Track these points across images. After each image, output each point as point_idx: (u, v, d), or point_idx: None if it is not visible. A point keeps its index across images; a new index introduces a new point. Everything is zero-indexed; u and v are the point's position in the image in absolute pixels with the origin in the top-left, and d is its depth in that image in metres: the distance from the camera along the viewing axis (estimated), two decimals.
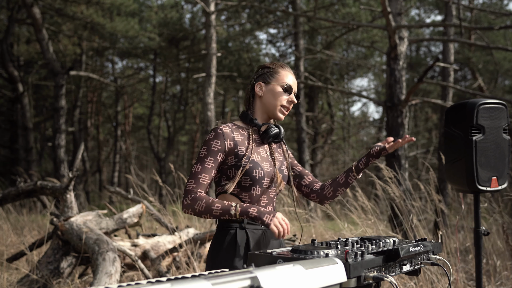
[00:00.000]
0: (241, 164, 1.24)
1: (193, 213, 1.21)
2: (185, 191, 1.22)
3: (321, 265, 0.87)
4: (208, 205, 1.19)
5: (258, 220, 1.19)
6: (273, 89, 1.32)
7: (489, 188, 1.73)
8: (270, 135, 1.30)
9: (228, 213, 1.19)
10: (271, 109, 1.32)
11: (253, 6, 8.48)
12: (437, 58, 4.40)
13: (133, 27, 10.18)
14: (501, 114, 1.76)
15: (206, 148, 1.24)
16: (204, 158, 1.23)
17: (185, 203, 1.21)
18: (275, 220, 1.18)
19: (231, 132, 1.27)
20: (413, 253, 1.10)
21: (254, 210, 1.19)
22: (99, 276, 2.31)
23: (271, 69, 1.33)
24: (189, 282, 0.64)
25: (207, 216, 1.20)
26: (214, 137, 1.25)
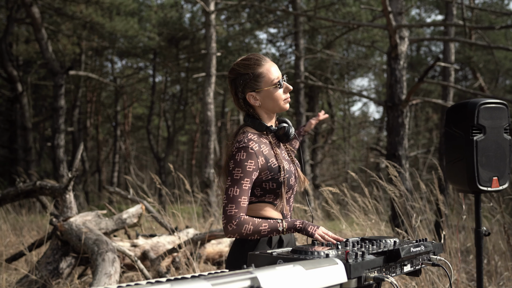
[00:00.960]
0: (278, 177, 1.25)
1: (239, 236, 1.21)
2: (227, 216, 1.20)
3: (322, 266, 0.86)
4: (256, 226, 1.20)
5: (303, 231, 1.23)
6: (267, 93, 1.28)
7: (490, 188, 1.73)
8: (290, 137, 1.31)
9: (276, 230, 1.22)
10: (276, 109, 1.31)
11: (253, 6, 8.47)
12: (437, 58, 4.39)
13: (133, 26, 10.16)
14: (502, 114, 1.75)
15: (240, 169, 1.21)
16: (241, 180, 1.21)
17: (230, 229, 1.19)
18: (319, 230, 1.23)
19: (259, 147, 1.25)
20: (414, 254, 1.10)
21: (299, 222, 1.24)
22: (98, 276, 2.30)
23: (251, 75, 1.27)
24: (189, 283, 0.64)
25: (254, 236, 1.21)
26: (247, 157, 1.22)
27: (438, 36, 9.64)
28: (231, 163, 1.23)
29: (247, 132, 1.28)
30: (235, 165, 1.22)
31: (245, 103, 1.31)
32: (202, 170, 7.46)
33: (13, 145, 10.18)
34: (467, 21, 8.20)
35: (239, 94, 1.30)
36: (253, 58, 1.29)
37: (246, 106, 1.31)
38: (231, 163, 1.23)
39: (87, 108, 14.11)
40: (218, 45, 9.87)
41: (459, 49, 9.95)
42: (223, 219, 1.21)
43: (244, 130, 1.30)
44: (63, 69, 8.42)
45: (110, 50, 12.63)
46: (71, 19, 9.60)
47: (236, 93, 1.32)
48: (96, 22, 9.47)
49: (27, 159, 9.55)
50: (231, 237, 1.21)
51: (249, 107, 1.31)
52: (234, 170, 1.22)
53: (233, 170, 1.22)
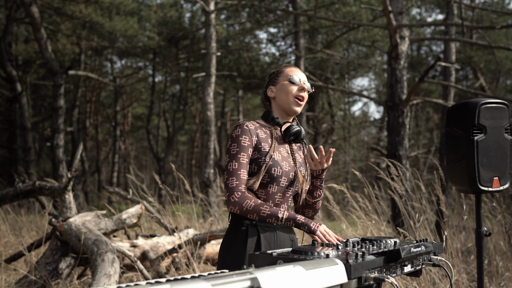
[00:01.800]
0: (263, 161, 1.27)
1: (239, 210, 1.23)
2: (229, 188, 1.24)
3: (322, 266, 0.86)
4: (257, 205, 1.22)
5: (305, 227, 1.23)
6: (281, 86, 1.37)
7: (491, 188, 1.72)
8: (291, 133, 1.33)
9: (275, 216, 1.23)
10: (285, 105, 1.36)
11: (253, 5, 8.46)
12: (438, 58, 4.39)
13: (132, 26, 10.15)
14: (503, 114, 1.75)
15: (236, 144, 1.27)
16: (237, 154, 1.26)
17: (232, 200, 1.22)
18: (321, 228, 1.23)
19: (255, 129, 1.31)
20: (414, 254, 1.10)
21: (301, 217, 1.25)
22: (98, 277, 2.28)
23: (276, 72, 1.40)
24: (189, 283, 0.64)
25: (253, 215, 1.22)
26: (242, 133, 1.28)
27: (438, 36, 9.63)
28: (229, 141, 1.30)
29: (254, 120, 1.37)
30: (231, 141, 1.29)
31: (265, 97, 1.41)
32: (202, 170, 7.44)
33: (12, 145, 10.16)
34: (468, 21, 8.21)
35: (264, 89, 1.43)
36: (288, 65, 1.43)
37: (265, 100, 1.41)
38: (229, 141, 1.30)
39: (87, 108, 14.09)
40: (218, 45, 9.85)
41: (460, 49, 9.93)
42: (226, 192, 1.25)
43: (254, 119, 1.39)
44: (63, 69, 8.40)
45: (109, 50, 12.61)
46: (70, 18, 9.59)
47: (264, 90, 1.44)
48: (96, 22, 9.45)
49: (26, 159, 9.53)
50: (233, 209, 1.23)
51: (267, 100, 1.40)
52: (231, 146, 1.28)
53: (230, 146, 1.29)
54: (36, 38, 8.17)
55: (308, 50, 10.00)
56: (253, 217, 1.22)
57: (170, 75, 13.84)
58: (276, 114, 1.37)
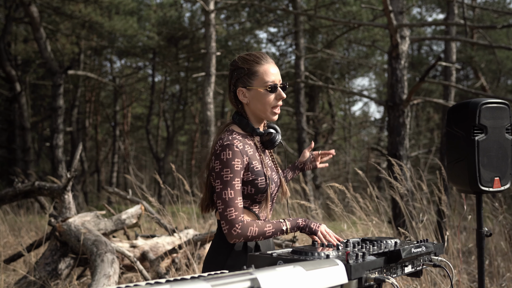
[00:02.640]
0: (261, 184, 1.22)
1: (244, 240, 1.18)
2: (228, 221, 1.16)
3: (322, 267, 0.86)
4: (260, 228, 1.18)
5: (306, 229, 1.22)
6: (257, 93, 1.23)
7: (492, 188, 1.71)
8: (274, 145, 1.27)
9: (280, 231, 1.20)
10: (261, 114, 1.25)
11: (253, 5, 8.44)
12: (439, 57, 4.37)
13: (132, 26, 10.13)
14: (503, 114, 1.74)
15: (229, 170, 1.17)
16: (232, 181, 1.17)
17: (234, 234, 1.16)
18: (321, 228, 1.22)
19: (243, 147, 1.21)
20: (415, 254, 1.09)
21: (302, 220, 1.22)
22: (97, 277, 2.27)
23: (246, 70, 1.23)
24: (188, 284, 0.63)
25: (259, 238, 1.19)
26: (234, 156, 1.17)
27: (439, 36, 9.60)
28: (217, 163, 1.18)
29: (232, 130, 1.24)
30: (222, 165, 1.17)
31: (235, 98, 1.27)
32: (202, 170, 7.42)
33: (12, 145, 10.14)
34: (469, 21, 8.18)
35: (231, 87, 1.27)
36: (254, 55, 1.25)
37: (235, 101, 1.27)
38: (216, 163, 1.18)
39: (86, 108, 14.07)
40: (217, 45, 9.84)
41: (461, 49, 9.92)
42: (224, 225, 1.16)
43: (229, 128, 1.26)
44: (62, 69, 8.38)
45: (109, 50, 12.59)
46: (69, 18, 9.57)
47: (229, 85, 1.28)
48: (95, 22, 9.43)
49: (25, 159, 9.51)
50: (236, 241, 1.17)
51: (238, 102, 1.27)
52: (223, 171, 1.17)
53: (221, 171, 1.17)
54: (35, 38, 8.15)
55: (308, 50, 9.99)
56: (259, 239, 1.18)
57: (169, 75, 13.82)
58: (251, 119, 1.26)
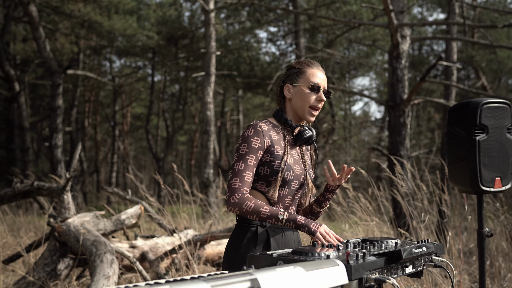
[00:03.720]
0: (277, 165, 1.26)
1: (239, 212, 1.21)
2: (231, 189, 1.23)
3: (322, 267, 0.85)
4: (257, 206, 1.21)
5: (305, 228, 1.21)
6: (300, 90, 1.33)
7: (493, 188, 1.71)
8: (303, 139, 1.32)
9: (275, 217, 1.21)
10: (300, 111, 1.34)
11: (253, 4, 8.43)
12: (439, 57, 4.36)
13: (131, 25, 10.11)
14: (504, 114, 1.74)
15: (246, 145, 1.25)
16: (246, 155, 1.24)
17: (231, 201, 1.21)
18: (321, 228, 1.22)
19: (268, 130, 1.28)
20: (416, 255, 1.09)
21: (301, 218, 1.23)
22: (96, 278, 2.26)
23: (297, 69, 1.34)
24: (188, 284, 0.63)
25: (253, 216, 1.21)
26: (254, 134, 1.26)
27: (440, 35, 9.58)
28: (240, 140, 1.27)
29: (266, 119, 1.34)
30: (242, 141, 1.26)
31: (281, 93, 1.37)
32: (202, 170, 7.41)
33: (11, 145, 10.11)
34: (470, 20, 8.18)
35: (280, 83, 1.38)
36: (308, 60, 1.38)
37: (280, 95, 1.37)
38: (239, 140, 1.27)
39: (85, 107, 14.04)
40: (217, 44, 9.82)
41: (462, 48, 9.91)
42: (227, 192, 1.23)
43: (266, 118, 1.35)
44: (61, 68, 8.36)
45: (108, 49, 12.57)
46: (69, 17, 9.55)
47: (280, 82, 1.39)
48: (94, 21, 9.41)
49: (24, 159, 9.49)
50: (232, 210, 1.21)
51: (281, 97, 1.37)
52: (241, 146, 1.26)
53: (240, 145, 1.26)
54: (34, 37, 8.12)
55: (308, 49, 9.97)
56: (253, 218, 1.21)
57: (169, 74, 13.80)
58: (289, 115, 1.35)
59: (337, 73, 12.20)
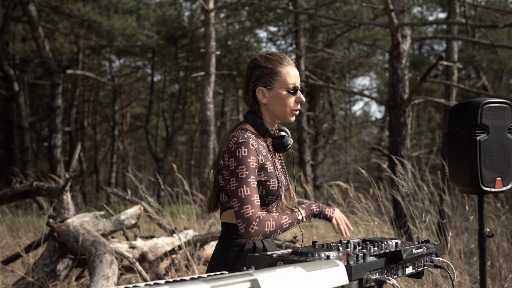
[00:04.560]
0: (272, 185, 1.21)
1: (263, 237, 1.15)
2: (245, 219, 1.13)
3: (322, 268, 0.85)
4: (277, 221, 1.16)
5: (320, 215, 1.21)
6: (277, 94, 1.22)
7: (494, 189, 1.70)
8: (286, 149, 1.25)
9: (297, 221, 1.18)
10: (280, 115, 1.25)
11: (252, 4, 8.41)
12: (440, 57, 4.35)
13: (131, 25, 10.10)
14: (505, 114, 1.73)
15: (245, 167, 1.15)
16: (247, 178, 1.15)
17: (252, 232, 1.13)
18: (335, 214, 1.21)
19: (258, 146, 1.20)
20: (416, 255, 1.08)
21: (316, 206, 1.21)
22: (96, 278, 2.24)
23: (269, 70, 1.23)
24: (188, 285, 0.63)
25: (277, 232, 1.16)
26: (249, 154, 1.16)
27: (440, 35, 9.55)
28: (232, 161, 1.16)
29: (246, 129, 1.23)
30: (237, 163, 1.15)
31: (253, 97, 1.25)
32: (202, 170, 7.40)
33: (10, 145, 10.09)
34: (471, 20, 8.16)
35: (251, 85, 1.25)
36: (278, 55, 1.25)
37: (252, 100, 1.25)
38: (231, 161, 1.16)
39: (85, 107, 14.02)
40: (217, 44, 9.81)
41: (462, 48, 9.90)
42: (241, 224, 1.13)
43: (243, 127, 1.25)
44: (60, 68, 8.34)
45: (108, 49, 12.55)
46: (68, 17, 9.53)
47: (248, 84, 1.26)
48: (94, 21, 9.40)
49: (23, 159, 9.47)
50: (255, 239, 1.14)
51: (255, 102, 1.26)
52: (238, 169, 1.15)
53: (237, 169, 1.15)
54: (33, 37, 8.11)
55: (308, 49, 9.96)
56: (277, 233, 1.16)
57: (169, 74, 13.78)
58: (265, 120, 1.26)
59: (337, 73, 12.18)
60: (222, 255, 1.22)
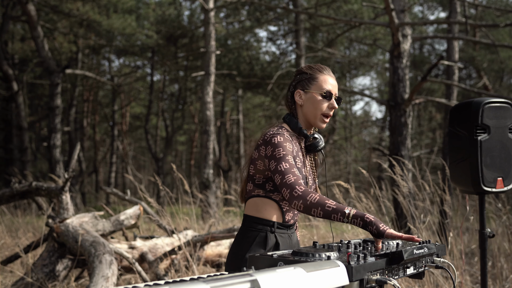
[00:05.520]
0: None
1: (303, 205, 1.15)
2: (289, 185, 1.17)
3: (323, 268, 0.85)
4: (322, 199, 1.15)
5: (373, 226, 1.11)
6: (312, 97, 1.32)
7: (495, 189, 1.70)
8: (317, 150, 1.32)
9: (341, 212, 1.13)
10: (312, 118, 1.33)
11: (253, 3, 8.40)
12: (441, 56, 4.35)
13: (130, 24, 10.08)
14: (506, 114, 1.73)
15: (281, 148, 1.23)
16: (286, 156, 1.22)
17: (296, 195, 1.15)
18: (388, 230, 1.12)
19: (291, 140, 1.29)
20: (417, 256, 1.08)
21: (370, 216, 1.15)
22: (95, 279, 2.23)
23: (308, 75, 1.33)
24: (187, 285, 0.63)
25: (317, 209, 1.14)
26: (285, 140, 1.25)
27: (441, 34, 9.53)
28: (268, 147, 1.23)
29: (282, 126, 1.32)
30: (274, 147, 1.23)
31: (291, 98, 1.36)
32: (201, 170, 7.38)
33: (9, 145, 10.06)
34: (471, 19, 8.16)
35: (291, 88, 1.37)
36: (320, 66, 1.36)
37: (291, 101, 1.36)
38: (268, 148, 1.23)
39: (84, 107, 13.99)
40: (217, 43, 9.79)
41: (463, 48, 9.89)
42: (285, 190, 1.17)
43: (279, 125, 1.34)
44: (60, 68, 8.32)
45: (107, 49, 12.53)
46: (67, 16, 9.50)
47: (289, 87, 1.38)
48: (93, 20, 9.38)
49: (22, 159, 9.45)
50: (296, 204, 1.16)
51: (293, 103, 1.36)
52: (275, 151, 1.22)
53: (274, 151, 1.22)
54: (32, 37, 8.09)
55: (309, 48, 9.94)
56: (317, 211, 1.14)
57: (168, 74, 13.77)
58: (300, 122, 1.34)
59: (338, 72, 12.16)
60: (237, 243, 1.27)
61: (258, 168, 1.26)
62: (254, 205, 1.27)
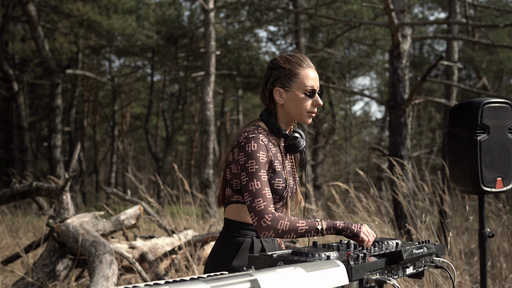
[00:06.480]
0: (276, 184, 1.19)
1: (274, 234, 1.11)
2: (257, 212, 1.12)
3: (323, 268, 0.85)
4: (292, 223, 1.11)
5: (347, 231, 1.12)
6: (294, 96, 1.21)
7: (494, 189, 1.72)
8: (297, 150, 1.24)
9: (314, 229, 1.12)
10: (295, 116, 1.24)
11: (252, 3, 8.41)
12: (440, 57, 4.35)
13: (131, 24, 10.08)
14: (506, 114, 1.74)
15: (254, 161, 1.15)
16: (257, 172, 1.14)
17: (264, 225, 1.11)
18: (363, 229, 1.13)
19: (268, 142, 1.20)
20: (417, 256, 1.08)
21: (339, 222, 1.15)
22: (95, 279, 2.23)
23: (288, 71, 1.22)
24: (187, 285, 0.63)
25: (290, 235, 1.11)
26: (259, 148, 1.16)
27: (441, 35, 9.53)
28: (241, 155, 1.16)
29: (258, 126, 1.23)
30: (247, 157, 1.15)
31: (270, 97, 1.25)
32: (201, 170, 7.39)
33: (9, 145, 10.07)
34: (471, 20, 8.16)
35: (268, 85, 1.25)
36: (298, 57, 1.24)
37: (269, 100, 1.25)
38: (241, 155, 1.16)
39: (84, 107, 14.00)
40: (217, 44, 9.79)
41: (462, 48, 9.88)
42: (253, 217, 1.12)
43: (256, 124, 1.25)
44: (60, 68, 8.33)
45: (107, 49, 12.54)
46: (68, 17, 9.51)
47: (266, 83, 1.26)
48: (93, 20, 9.38)
49: (23, 159, 9.46)
50: (266, 235, 1.12)
51: (271, 102, 1.25)
52: (248, 163, 1.14)
53: (246, 163, 1.15)
54: (33, 37, 8.09)
55: (308, 49, 9.94)
56: (290, 236, 1.11)
57: (169, 74, 13.77)
58: (281, 120, 1.25)
59: (338, 72, 12.17)
60: (220, 251, 1.21)
61: (233, 172, 1.19)
62: (235, 211, 1.21)
